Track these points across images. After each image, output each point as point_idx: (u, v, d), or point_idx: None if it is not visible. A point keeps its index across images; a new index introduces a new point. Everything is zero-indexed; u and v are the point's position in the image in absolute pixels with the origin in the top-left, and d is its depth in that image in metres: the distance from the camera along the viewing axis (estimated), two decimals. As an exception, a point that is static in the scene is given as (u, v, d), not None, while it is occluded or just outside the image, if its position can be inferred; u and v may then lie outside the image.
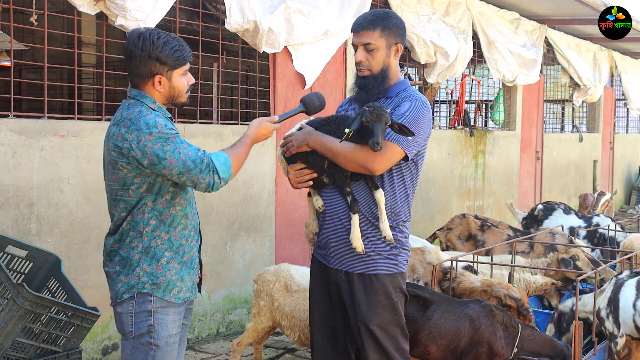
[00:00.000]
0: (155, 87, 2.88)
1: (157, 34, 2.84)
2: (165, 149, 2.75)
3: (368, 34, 3.29)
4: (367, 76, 3.33)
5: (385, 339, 3.30)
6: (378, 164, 3.16)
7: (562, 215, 7.90)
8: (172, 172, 2.78)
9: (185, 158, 2.77)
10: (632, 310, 4.33)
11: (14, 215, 4.53)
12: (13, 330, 3.55)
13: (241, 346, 4.75)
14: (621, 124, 16.11)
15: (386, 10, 3.42)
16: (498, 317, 4.00)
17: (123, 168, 2.81)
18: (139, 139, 2.74)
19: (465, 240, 6.86)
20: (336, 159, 3.20)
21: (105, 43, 5.28)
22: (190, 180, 2.80)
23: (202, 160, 2.80)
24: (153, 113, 2.83)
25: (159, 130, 2.75)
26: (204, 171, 2.79)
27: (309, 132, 3.30)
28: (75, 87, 5.03)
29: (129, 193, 2.85)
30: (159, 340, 2.89)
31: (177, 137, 2.80)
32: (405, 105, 3.24)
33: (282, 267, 4.76)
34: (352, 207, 3.25)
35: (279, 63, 6.39)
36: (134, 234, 2.87)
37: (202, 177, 2.80)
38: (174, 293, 2.92)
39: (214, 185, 2.83)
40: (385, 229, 3.24)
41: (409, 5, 7.77)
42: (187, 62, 2.92)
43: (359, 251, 3.24)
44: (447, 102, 10.53)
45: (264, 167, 6.23)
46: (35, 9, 4.88)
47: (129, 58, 2.86)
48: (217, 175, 2.83)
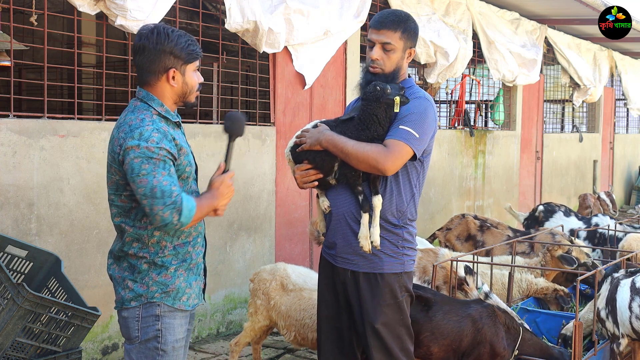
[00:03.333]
0: (169, 82, 2.82)
1: (170, 28, 2.81)
2: (143, 166, 2.66)
3: (389, 34, 3.29)
4: (378, 73, 3.33)
5: (391, 338, 3.30)
6: (390, 164, 3.16)
7: (562, 218, 7.91)
8: (138, 191, 2.68)
9: (157, 185, 2.65)
10: (628, 312, 4.31)
11: (14, 215, 4.53)
12: (13, 330, 3.55)
13: (239, 346, 4.75)
14: (621, 124, 16.10)
15: (407, 13, 3.42)
16: (500, 318, 4.00)
17: (116, 173, 2.78)
18: (127, 145, 2.69)
19: (465, 240, 6.86)
20: (348, 159, 3.20)
21: (105, 43, 5.28)
22: (150, 207, 2.67)
23: (171, 196, 2.67)
24: (154, 124, 2.74)
25: (147, 146, 2.67)
26: (167, 206, 2.66)
27: (322, 131, 3.28)
28: (75, 87, 5.03)
29: (122, 198, 2.81)
30: (166, 345, 2.86)
31: (162, 161, 2.69)
32: (410, 103, 3.25)
33: (279, 266, 4.77)
34: (363, 206, 3.25)
35: (279, 63, 6.39)
36: (138, 245, 2.82)
37: (162, 210, 2.66)
38: (183, 300, 2.89)
39: (169, 224, 2.69)
40: (375, 234, 3.24)
41: (409, 5, 7.77)
42: (200, 57, 2.89)
43: (365, 250, 3.25)
44: (447, 102, 10.53)
45: (264, 167, 6.23)
46: (35, 9, 4.88)
47: (141, 53, 2.79)
48: (178, 216, 2.69)
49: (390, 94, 3.15)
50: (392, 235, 3.31)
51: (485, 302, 4.13)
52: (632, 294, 4.32)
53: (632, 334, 4.34)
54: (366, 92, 3.21)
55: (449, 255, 5.08)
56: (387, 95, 3.15)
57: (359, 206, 3.28)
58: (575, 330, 4.07)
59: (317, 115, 6.59)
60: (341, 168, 3.27)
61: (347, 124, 3.30)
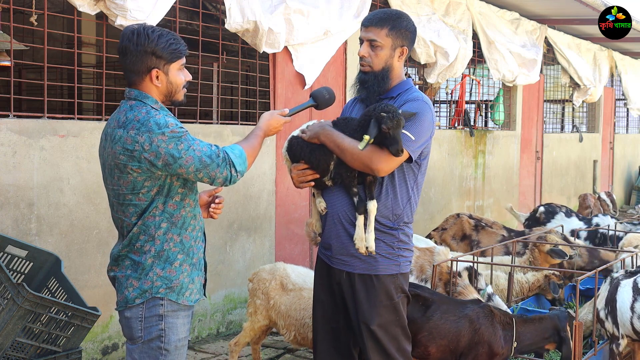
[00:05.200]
0: (153, 82, 2.83)
1: (150, 29, 2.81)
2: (180, 147, 2.72)
3: (375, 30, 3.29)
4: (367, 72, 3.34)
5: (387, 339, 3.30)
6: (383, 165, 3.16)
7: (564, 219, 7.91)
8: (189, 169, 2.75)
9: (201, 154, 2.75)
10: (630, 313, 4.29)
11: (14, 215, 4.53)
12: (13, 330, 3.55)
13: (239, 346, 4.75)
14: (621, 124, 16.11)
15: (400, 12, 3.41)
16: (497, 317, 4.01)
17: (133, 172, 2.75)
18: (151, 140, 2.69)
19: (460, 240, 6.87)
20: (343, 155, 3.21)
21: (105, 43, 5.28)
22: (208, 175, 2.78)
23: (217, 155, 2.79)
24: (161, 112, 2.79)
25: (171, 130, 2.72)
26: (221, 165, 2.78)
27: (323, 125, 3.31)
28: (75, 87, 5.03)
29: (139, 197, 2.79)
30: (170, 344, 2.86)
31: (187, 134, 2.77)
32: (408, 106, 3.24)
33: (278, 265, 4.77)
34: (358, 208, 3.25)
35: (279, 63, 6.39)
36: (145, 237, 2.81)
37: (219, 172, 2.79)
38: (186, 295, 2.89)
39: (231, 178, 2.82)
40: (370, 240, 3.24)
41: (409, 5, 7.77)
42: (183, 55, 2.88)
43: (361, 252, 3.25)
44: (447, 102, 10.53)
45: (264, 167, 6.23)
46: (35, 9, 4.88)
47: (124, 55, 2.82)
48: (234, 169, 2.82)
49: (384, 121, 3.06)
50: (388, 236, 3.30)
51: (482, 302, 4.12)
52: (634, 295, 4.29)
53: (633, 335, 4.32)
54: (375, 108, 3.13)
55: (445, 252, 5.07)
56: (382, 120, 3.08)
57: (353, 208, 3.28)
58: (575, 330, 4.07)
59: (317, 116, 6.58)
60: (336, 168, 3.27)
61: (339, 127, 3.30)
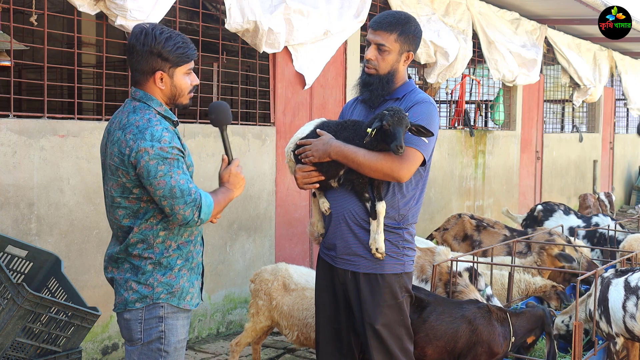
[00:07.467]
0: (157, 84, 2.78)
1: (160, 29, 2.76)
2: (159, 168, 2.66)
3: (384, 35, 3.28)
4: (372, 74, 3.33)
5: (390, 339, 3.31)
6: (405, 172, 3.17)
7: (562, 217, 7.90)
8: (157, 192, 2.68)
9: (176, 184, 2.67)
10: (622, 312, 4.27)
11: (14, 215, 4.53)
12: (13, 330, 3.55)
13: (240, 346, 4.75)
14: (621, 124, 16.11)
15: (409, 15, 3.38)
16: (494, 315, 4.00)
17: (123, 176, 2.74)
18: (138, 148, 2.66)
19: (462, 240, 6.86)
20: (361, 169, 3.18)
21: (105, 43, 5.28)
22: (170, 207, 2.69)
23: (190, 194, 2.70)
24: (162, 124, 2.73)
25: (161, 147, 2.66)
26: (188, 204, 2.69)
27: (328, 142, 3.23)
28: (75, 87, 5.03)
29: (129, 199, 2.77)
30: (169, 346, 2.85)
31: (176, 160, 2.70)
32: (418, 108, 3.24)
33: (280, 266, 4.77)
34: (372, 214, 3.25)
35: (279, 63, 6.39)
36: (144, 246, 2.79)
37: (183, 209, 2.69)
38: (187, 300, 2.89)
39: (190, 221, 2.72)
40: (380, 241, 3.24)
41: (408, 5, 7.77)
42: (191, 60, 2.82)
43: (378, 257, 3.26)
44: (447, 102, 10.53)
45: (264, 167, 6.23)
46: (35, 9, 4.89)
47: (130, 53, 2.77)
48: (199, 213, 2.73)
49: (385, 118, 3.04)
50: (393, 235, 3.32)
51: (480, 302, 4.12)
52: (626, 293, 4.27)
53: (626, 334, 4.30)
54: (386, 112, 3.11)
55: (445, 252, 5.08)
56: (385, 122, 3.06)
57: (359, 207, 3.28)
58: (575, 331, 4.07)
59: (317, 115, 6.58)
60: (347, 174, 3.25)
61: (348, 131, 3.25)
